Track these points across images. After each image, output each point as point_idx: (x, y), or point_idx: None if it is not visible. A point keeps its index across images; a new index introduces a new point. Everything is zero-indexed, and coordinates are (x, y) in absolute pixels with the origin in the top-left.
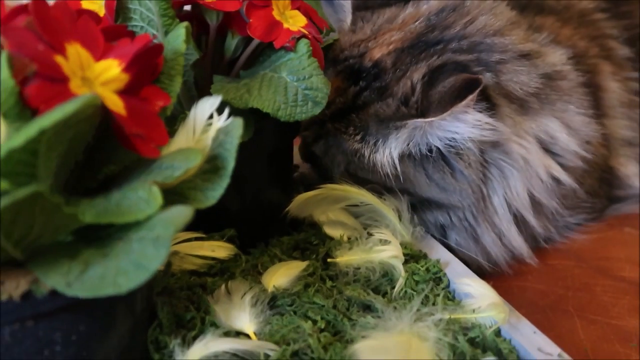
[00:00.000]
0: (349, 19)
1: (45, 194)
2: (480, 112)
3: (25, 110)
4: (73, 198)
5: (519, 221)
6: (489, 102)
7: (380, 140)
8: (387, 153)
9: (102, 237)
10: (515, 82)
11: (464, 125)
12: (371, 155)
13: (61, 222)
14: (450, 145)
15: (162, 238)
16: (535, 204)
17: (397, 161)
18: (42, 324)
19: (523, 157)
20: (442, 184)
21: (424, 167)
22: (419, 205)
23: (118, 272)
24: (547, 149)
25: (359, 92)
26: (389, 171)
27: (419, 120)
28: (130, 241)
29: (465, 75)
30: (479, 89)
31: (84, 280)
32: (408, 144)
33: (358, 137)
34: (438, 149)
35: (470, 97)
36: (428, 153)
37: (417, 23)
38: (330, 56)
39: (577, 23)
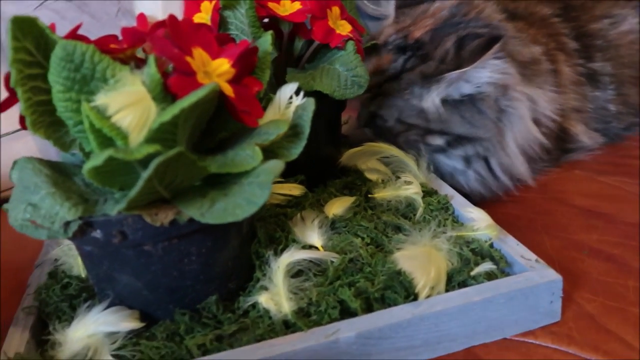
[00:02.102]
0: (393, 14)
1: (186, 153)
2: (500, 59)
3: (167, 95)
4: (201, 155)
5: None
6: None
7: (426, 91)
8: (431, 100)
9: (222, 182)
10: (516, 51)
11: (487, 71)
12: (418, 104)
13: (195, 172)
14: (477, 92)
15: (265, 182)
16: (526, 146)
17: (439, 105)
18: (183, 241)
19: (521, 107)
20: (472, 120)
21: (459, 109)
22: (453, 143)
23: (235, 206)
24: (532, 109)
25: (407, 59)
26: (431, 115)
27: (455, 72)
28: (242, 185)
29: (488, 35)
30: (500, 42)
31: (212, 212)
32: (446, 92)
33: (407, 92)
34: (468, 95)
35: (496, 47)
36: (461, 98)
37: (443, 12)
38: (381, 41)
39: (539, 25)
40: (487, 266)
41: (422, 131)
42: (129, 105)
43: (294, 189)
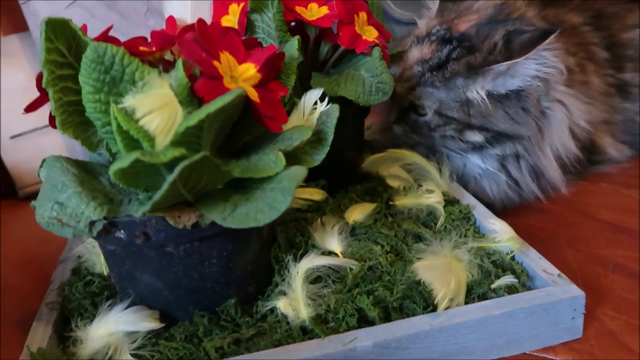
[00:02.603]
0: (436, 7)
1: (211, 157)
2: (552, 51)
3: (193, 99)
4: (224, 159)
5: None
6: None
7: (471, 82)
8: (476, 91)
9: (245, 186)
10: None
11: (537, 64)
12: (462, 95)
13: (219, 176)
14: (523, 86)
15: (288, 188)
16: (561, 153)
17: (484, 97)
18: (204, 244)
19: (560, 111)
20: (515, 117)
21: (503, 104)
22: (493, 140)
23: (257, 211)
24: (568, 116)
25: (452, 50)
26: (474, 109)
27: (504, 63)
28: (265, 190)
29: (542, 28)
30: (555, 34)
31: (234, 216)
32: (492, 85)
33: (450, 83)
34: (513, 90)
35: (551, 37)
36: (506, 93)
37: (488, 10)
38: (423, 32)
39: (569, 34)
40: (508, 279)
41: (461, 126)
42: (157, 108)
43: (315, 194)
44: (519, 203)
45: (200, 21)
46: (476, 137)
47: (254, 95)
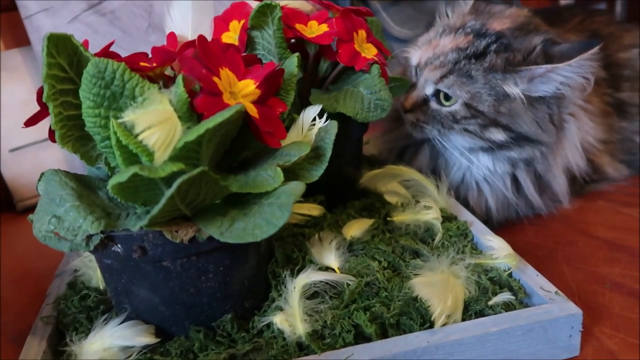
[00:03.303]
0: (469, 6)
1: (209, 172)
2: (592, 61)
3: (193, 114)
4: (223, 174)
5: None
6: None
7: (509, 77)
8: (513, 87)
9: (243, 201)
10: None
11: (574, 74)
12: (499, 89)
13: (217, 191)
14: (553, 94)
15: (286, 204)
16: (570, 165)
17: (521, 94)
18: (202, 258)
19: (575, 124)
20: (542, 122)
21: (533, 107)
22: (513, 142)
23: (255, 227)
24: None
25: (491, 43)
26: (505, 106)
27: (543, 66)
28: (263, 205)
29: (584, 40)
30: (600, 45)
31: (231, 231)
32: (526, 87)
33: (489, 75)
34: (544, 96)
35: (596, 48)
36: (538, 97)
37: (520, 18)
38: (457, 25)
39: None
40: (505, 296)
41: (487, 121)
42: (157, 124)
43: (313, 209)
44: (517, 217)
45: (201, 37)
46: (499, 135)
47: (253, 111)
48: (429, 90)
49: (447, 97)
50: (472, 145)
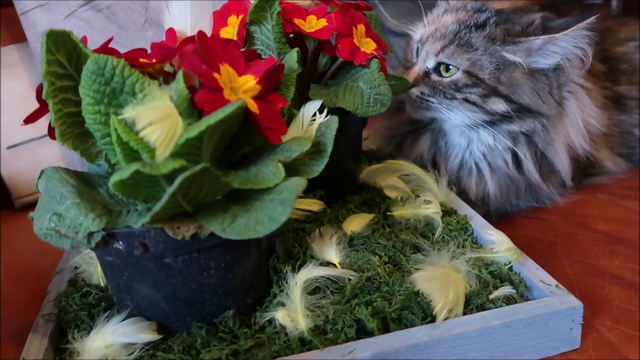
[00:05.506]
0: None
1: (211, 169)
2: (589, 31)
3: (193, 110)
4: (224, 171)
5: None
6: None
7: (508, 47)
8: (511, 55)
9: (244, 197)
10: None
11: (573, 42)
12: (497, 56)
13: (218, 187)
14: (552, 66)
15: (287, 199)
16: (572, 145)
17: (522, 62)
18: (203, 255)
19: (576, 102)
20: (542, 93)
21: (532, 77)
22: (515, 114)
23: (257, 222)
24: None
25: (490, 17)
26: (505, 76)
27: (541, 37)
28: (264, 201)
29: (582, 15)
30: (597, 15)
31: (233, 227)
32: (525, 57)
33: (488, 43)
34: (543, 68)
35: (592, 18)
36: (537, 68)
37: (520, 3)
38: (459, 5)
39: None
40: (506, 290)
41: (487, 90)
42: (158, 120)
43: (313, 205)
44: (516, 204)
45: (201, 33)
46: (500, 106)
47: (253, 106)
48: (430, 63)
49: (447, 69)
50: (473, 121)
